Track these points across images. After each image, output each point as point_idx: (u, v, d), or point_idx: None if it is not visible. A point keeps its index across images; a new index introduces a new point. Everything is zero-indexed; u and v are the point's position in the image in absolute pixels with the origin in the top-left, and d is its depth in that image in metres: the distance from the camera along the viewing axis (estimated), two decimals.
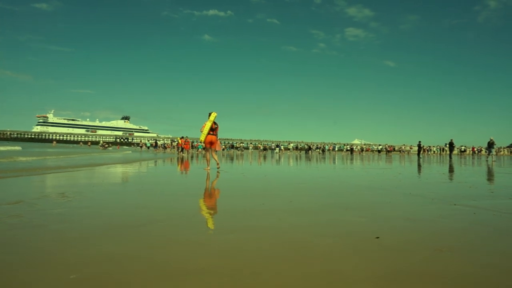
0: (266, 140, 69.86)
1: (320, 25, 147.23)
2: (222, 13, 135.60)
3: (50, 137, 77.33)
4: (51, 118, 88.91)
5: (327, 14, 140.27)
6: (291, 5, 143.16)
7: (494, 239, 2.24)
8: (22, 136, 76.51)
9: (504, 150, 41.50)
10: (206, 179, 6.06)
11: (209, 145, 8.14)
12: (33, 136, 78.16)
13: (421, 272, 1.57)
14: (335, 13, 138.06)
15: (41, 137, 77.58)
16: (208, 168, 8.03)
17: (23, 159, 9.74)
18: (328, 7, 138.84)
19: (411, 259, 1.76)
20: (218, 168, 8.04)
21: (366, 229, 2.39)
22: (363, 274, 1.54)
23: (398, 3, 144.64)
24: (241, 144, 51.86)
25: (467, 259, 1.80)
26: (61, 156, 13.33)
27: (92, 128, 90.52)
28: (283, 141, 68.68)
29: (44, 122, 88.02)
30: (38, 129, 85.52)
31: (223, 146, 45.02)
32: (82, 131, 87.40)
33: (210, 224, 2.56)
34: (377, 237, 2.16)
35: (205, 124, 7.96)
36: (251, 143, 59.61)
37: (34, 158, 10.55)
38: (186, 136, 24.38)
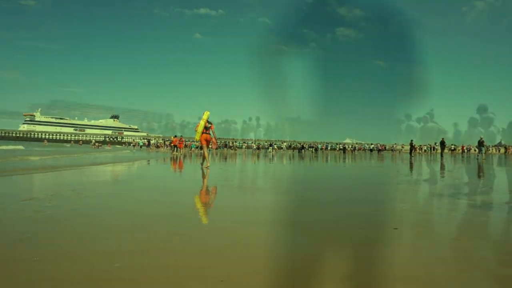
0: (258, 139, 69.97)
1: (311, 24, 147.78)
2: (213, 12, 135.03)
3: (38, 136, 75.61)
4: (38, 116, 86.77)
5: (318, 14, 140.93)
6: (282, 5, 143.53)
7: (506, 229, 2.37)
8: (9, 135, 74.58)
9: (492, 149, 42.61)
10: (204, 178, 6.10)
11: (205, 143, 8.19)
12: (20, 135, 76.24)
13: (446, 257, 1.68)
14: (325, 13, 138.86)
15: (29, 136, 75.73)
16: (208, 165, 8.06)
17: (34, 158, 9.67)
18: (319, 7, 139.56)
19: (432, 247, 1.86)
20: (206, 166, 8.01)
21: (383, 221, 2.49)
22: (395, 260, 1.64)
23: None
24: (235, 143, 51.81)
25: (485, 246, 1.91)
26: (65, 155, 13.47)
27: (80, 127, 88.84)
28: (276, 140, 68.91)
29: (31, 121, 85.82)
30: (25, 127, 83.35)
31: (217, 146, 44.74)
32: (71, 130, 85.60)
33: (239, 218, 2.61)
34: (396, 228, 2.26)
35: (199, 124, 8.06)
36: (244, 142, 59.60)
37: (42, 157, 10.50)
38: (181, 135, 24.26)
